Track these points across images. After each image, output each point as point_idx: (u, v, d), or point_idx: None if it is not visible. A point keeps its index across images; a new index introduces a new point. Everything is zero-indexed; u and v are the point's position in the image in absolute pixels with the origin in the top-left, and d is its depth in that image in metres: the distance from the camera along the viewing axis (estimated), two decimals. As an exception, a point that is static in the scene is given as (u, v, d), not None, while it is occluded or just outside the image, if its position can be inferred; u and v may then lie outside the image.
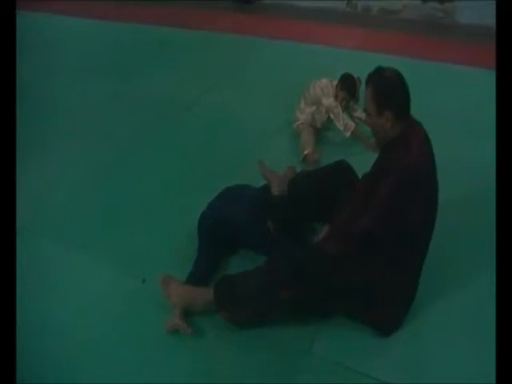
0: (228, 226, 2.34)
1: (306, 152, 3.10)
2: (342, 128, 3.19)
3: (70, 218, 2.76)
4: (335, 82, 3.31)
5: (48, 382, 1.86)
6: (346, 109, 3.35)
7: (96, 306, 2.19)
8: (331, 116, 3.26)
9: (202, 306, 2.05)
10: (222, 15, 6.31)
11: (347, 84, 3.24)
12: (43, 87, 4.50)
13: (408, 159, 1.81)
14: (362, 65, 1.90)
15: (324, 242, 2.09)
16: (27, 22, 5.81)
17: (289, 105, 3.53)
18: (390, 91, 1.84)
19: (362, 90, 3.64)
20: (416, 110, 1.97)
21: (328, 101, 3.24)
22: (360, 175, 2.26)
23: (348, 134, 3.18)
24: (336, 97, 3.25)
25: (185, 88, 4.32)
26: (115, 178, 3.10)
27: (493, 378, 1.46)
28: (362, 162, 2.20)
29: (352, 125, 3.18)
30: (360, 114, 3.40)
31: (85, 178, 3.11)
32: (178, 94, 4.21)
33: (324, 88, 3.30)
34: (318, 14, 6.20)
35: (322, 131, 3.45)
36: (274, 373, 1.87)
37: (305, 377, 1.84)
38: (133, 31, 5.84)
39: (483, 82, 4.12)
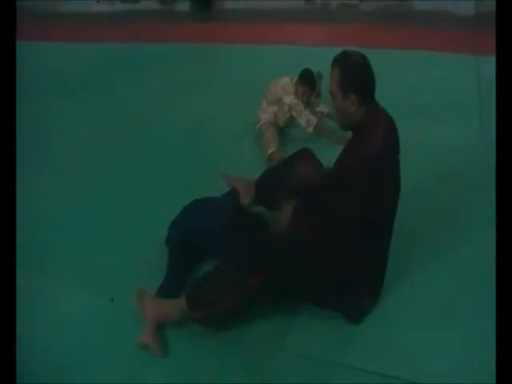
0: (197, 237, 2.31)
1: (270, 151, 3.09)
2: (304, 124, 3.17)
3: (39, 241, 2.68)
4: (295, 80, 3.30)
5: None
6: (308, 104, 3.34)
7: (68, 327, 2.13)
8: (293, 113, 3.24)
9: (176, 314, 2.00)
10: (182, 26, 6.30)
11: (306, 78, 3.23)
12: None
13: (368, 148, 1.81)
14: (326, 60, 1.90)
15: (291, 226, 2.10)
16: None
17: (254, 107, 3.51)
18: (356, 74, 1.84)
19: (324, 84, 3.71)
20: (382, 98, 1.96)
21: (289, 98, 3.22)
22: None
23: (311, 130, 3.16)
24: (296, 93, 3.23)
25: (150, 100, 4.29)
26: (81, 193, 3.04)
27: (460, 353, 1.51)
28: (328, 156, 2.20)
29: (314, 120, 3.16)
30: (322, 108, 3.40)
31: (52, 194, 3.05)
32: (143, 106, 4.17)
33: (284, 86, 3.28)
34: (277, 15, 6.22)
35: (285, 129, 3.44)
36: (248, 373, 1.83)
37: (280, 373, 1.82)
38: (96, 50, 5.79)
39: (445, 66, 4.19)
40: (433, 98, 3.67)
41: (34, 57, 5.85)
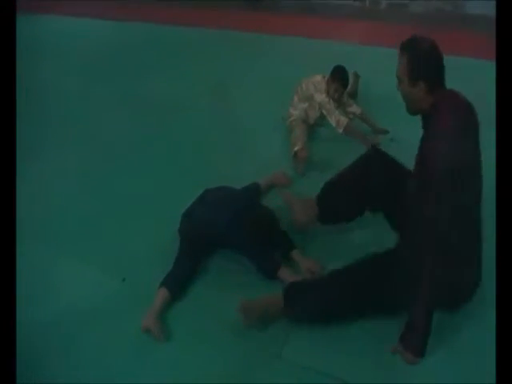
0: (208, 228, 2.32)
1: (296, 148, 3.06)
2: (334, 124, 3.13)
3: (56, 219, 2.77)
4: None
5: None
6: (340, 104, 3.30)
7: (80, 304, 2.21)
8: (324, 112, 3.21)
9: (274, 312, 2.02)
10: (232, 13, 6.31)
11: (338, 75, 3.18)
12: (42, 89, 4.57)
13: (438, 135, 1.73)
14: (371, 59, 1.83)
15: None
16: (27, 23, 5.93)
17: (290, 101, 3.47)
18: (425, 62, 1.78)
19: (361, 85, 3.65)
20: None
21: (320, 97, 3.19)
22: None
23: (341, 130, 3.12)
24: (328, 91, 3.20)
25: (188, 87, 4.34)
26: (100, 179, 3.10)
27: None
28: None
29: (345, 120, 3.11)
30: (355, 109, 3.35)
31: (75, 180, 3.13)
32: (180, 93, 4.22)
33: (317, 84, 3.24)
34: (327, 9, 6.15)
35: (315, 127, 3.41)
36: (243, 378, 1.84)
37: (275, 382, 1.81)
38: (137, 31, 5.89)
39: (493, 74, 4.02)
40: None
41: (64, 34, 6.00)
